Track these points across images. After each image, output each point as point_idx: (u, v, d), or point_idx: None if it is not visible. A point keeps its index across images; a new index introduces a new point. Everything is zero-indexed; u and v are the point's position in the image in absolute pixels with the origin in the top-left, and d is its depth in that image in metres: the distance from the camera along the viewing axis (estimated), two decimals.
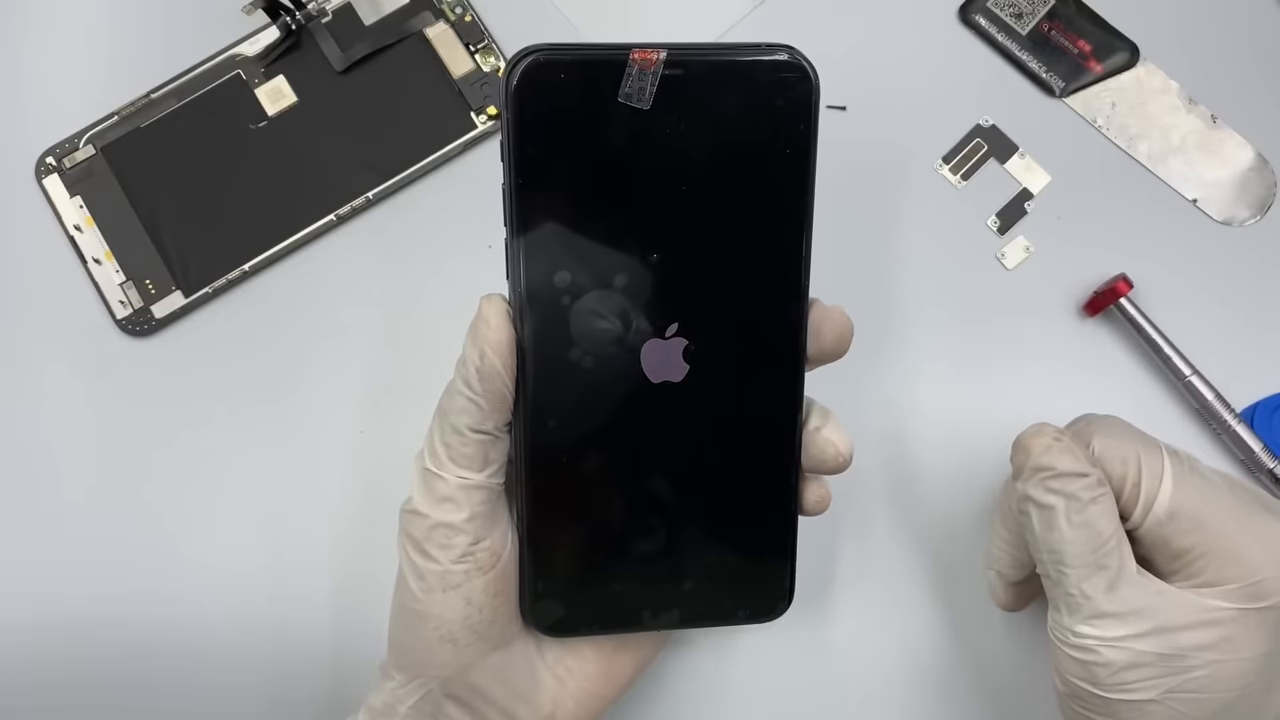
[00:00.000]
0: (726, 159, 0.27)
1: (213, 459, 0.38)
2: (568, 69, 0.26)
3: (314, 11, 0.40)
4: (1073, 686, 0.29)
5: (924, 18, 0.41)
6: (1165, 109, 0.41)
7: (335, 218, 0.39)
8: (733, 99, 0.26)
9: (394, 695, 0.29)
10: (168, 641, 0.37)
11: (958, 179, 0.40)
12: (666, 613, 0.30)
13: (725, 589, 0.30)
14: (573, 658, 0.31)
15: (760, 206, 0.27)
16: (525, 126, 0.26)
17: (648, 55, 0.25)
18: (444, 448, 0.27)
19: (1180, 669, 0.28)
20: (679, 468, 0.29)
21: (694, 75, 0.26)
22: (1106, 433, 0.30)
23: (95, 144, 0.39)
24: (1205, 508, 0.29)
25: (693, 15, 0.41)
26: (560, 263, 0.27)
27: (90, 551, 0.37)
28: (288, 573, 0.37)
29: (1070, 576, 0.28)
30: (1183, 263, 0.39)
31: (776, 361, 0.28)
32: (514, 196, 0.26)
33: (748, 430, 0.29)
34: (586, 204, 0.27)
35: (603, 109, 0.26)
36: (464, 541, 0.28)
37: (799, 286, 0.28)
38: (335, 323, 0.39)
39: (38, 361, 0.38)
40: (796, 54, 0.26)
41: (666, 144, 0.26)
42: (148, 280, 0.39)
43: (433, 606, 0.28)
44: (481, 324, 0.27)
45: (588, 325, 0.27)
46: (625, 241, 0.27)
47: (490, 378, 0.27)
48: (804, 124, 0.27)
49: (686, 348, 0.28)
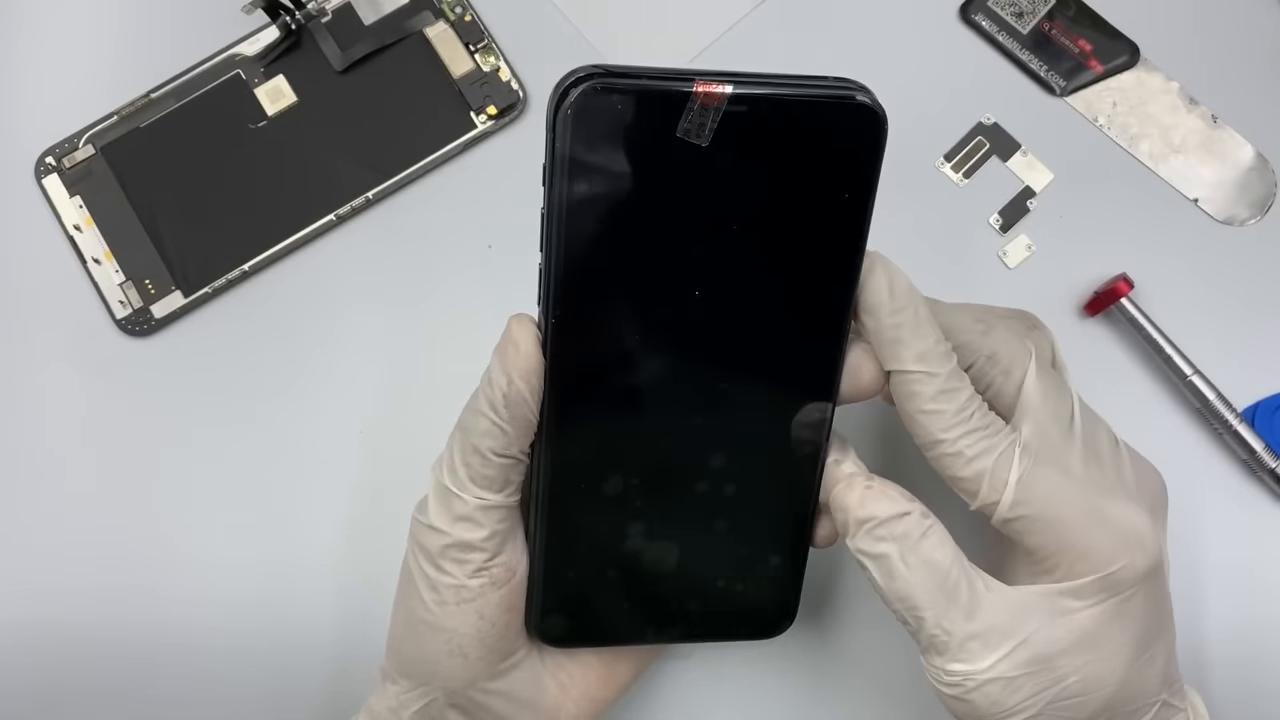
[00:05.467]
0: (782, 199, 0.25)
1: (212, 459, 0.38)
2: (623, 97, 0.24)
3: (314, 11, 0.40)
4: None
5: (924, 17, 0.41)
6: (1166, 109, 0.41)
7: (335, 218, 0.39)
8: (796, 139, 0.25)
9: (398, 700, 0.29)
10: (167, 641, 0.37)
11: (959, 177, 0.40)
12: (671, 629, 0.30)
13: (732, 609, 0.30)
14: (575, 664, 0.31)
15: (811, 249, 0.26)
16: (573, 152, 0.24)
17: (711, 90, 0.24)
18: (464, 467, 0.27)
19: (1054, 680, 0.27)
20: (699, 494, 0.29)
21: (757, 112, 0.24)
22: None
23: (95, 144, 0.39)
24: (1049, 506, 0.27)
25: (693, 15, 0.41)
26: (596, 292, 0.26)
27: (89, 551, 0.37)
28: (287, 574, 0.37)
29: (927, 618, 0.27)
30: (1183, 262, 0.39)
31: (809, 400, 0.28)
32: (554, 222, 0.25)
33: (773, 463, 0.29)
34: (629, 236, 0.25)
35: (656, 141, 0.24)
36: (481, 558, 0.27)
37: (841, 328, 0.27)
38: (335, 322, 0.39)
39: (37, 361, 0.38)
40: (867, 95, 0.25)
41: (719, 181, 0.25)
42: (147, 280, 0.39)
43: (446, 619, 0.28)
44: (511, 348, 0.26)
45: (617, 356, 0.27)
46: (665, 277, 0.26)
47: (517, 404, 0.26)
48: (867, 169, 0.25)
49: (717, 377, 0.27)
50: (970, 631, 0.27)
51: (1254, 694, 0.37)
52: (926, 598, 0.27)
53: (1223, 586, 0.37)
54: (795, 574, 0.30)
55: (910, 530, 0.27)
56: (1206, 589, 0.37)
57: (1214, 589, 0.37)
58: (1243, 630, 0.37)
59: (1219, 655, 0.37)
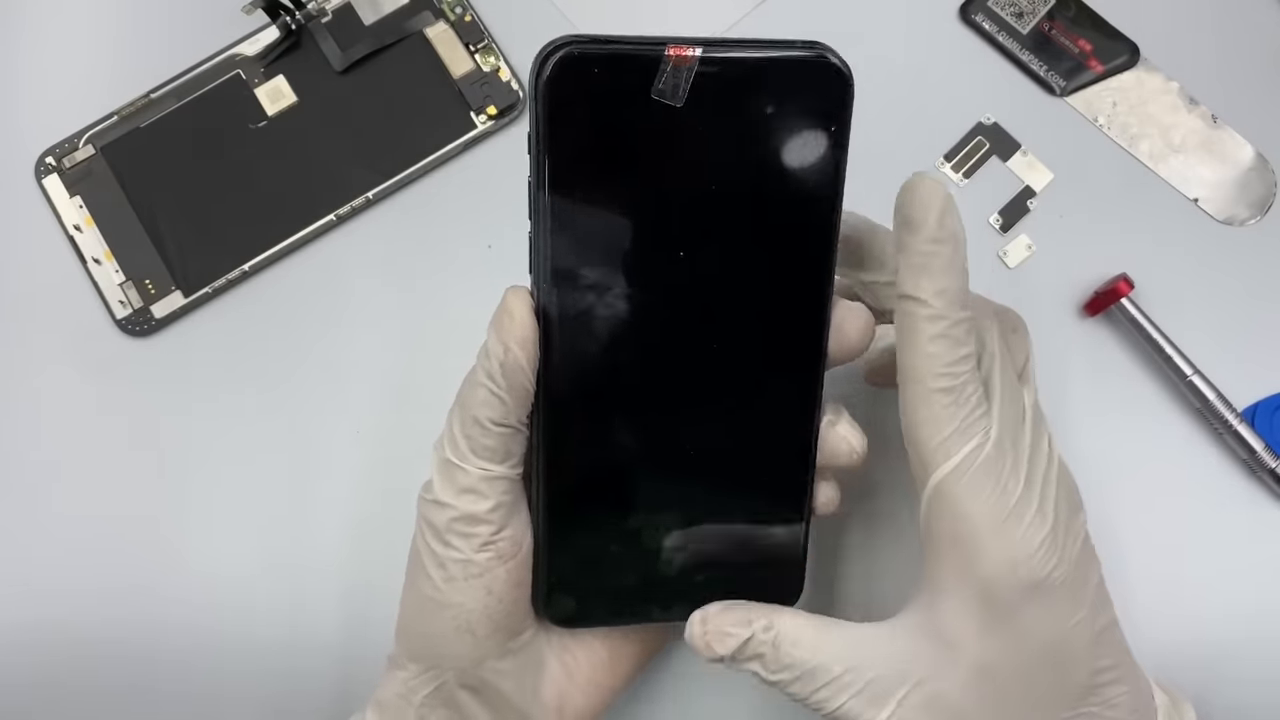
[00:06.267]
0: (758, 157, 0.26)
1: (213, 459, 0.38)
2: (600, 63, 0.25)
3: (314, 11, 0.40)
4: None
5: (924, 17, 0.41)
6: (1166, 109, 0.41)
7: (335, 218, 0.39)
8: (767, 98, 0.26)
9: (407, 686, 0.29)
10: (168, 642, 0.37)
11: (959, 177, 0.40)
12: (678, 606, 0.30)
13: (737, 583, 0.30)
14: (580, 648, 0.31)
15: (789, 206, 0.27)
16: (554, 119, 0.25)
17: (682, 52, 0.25)
18: (465, 439, 0.27)
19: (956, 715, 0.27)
20: (697, 463, 0.29)
21: (728, 73, 0.25)
22: None
23: (95, 144, 0.39)
24: (968, 499, 0.27)
25: (693, 14, 0.41)
26: (585, 257, 0.27)
27: (89, 551, 0.37)
28: (288, 574, 0.37)
29: (827, 706, 0.28)
30: (1183, 262, 0.39)
31: (798, 360, 0.28)
32: (541, 189, 0.26)
33: (767, 426, 0.29)
34: (613, 199, 0.26)
35: (634, 104, 0.25)
36: (487, 531, 0.28)
37: (824, 287, 0.28)
38: (335, 322, 0.39)
39: (37, 361, 0.38)
40: (831, 53, 0.26)
41: (697, 141, 0.26)
42: (147, 280, 0.39)
43: (453, 595, 0.28)
44: (505, 317, 0.27)
45: (610, 321, 0.27)
46: (651, 238, 0.27)
47: (514, 372, 0.27)
48: (838, 125, 0.26)
49: (707, 339, 0.28)
50: (862, 699, 0.27)
51: (1255, 694, 0.37)
52: (807, 690, 0.28)
53: (1223, 586, 0.37)
54: (799, 544, 0.30)
55: (758, 647, 0.28)
56: (1206, 589, 0.37)
57: (1214, 589, 0.37)
58: (1243, 630, 0.37)
59: (1219, 655, 0.37)
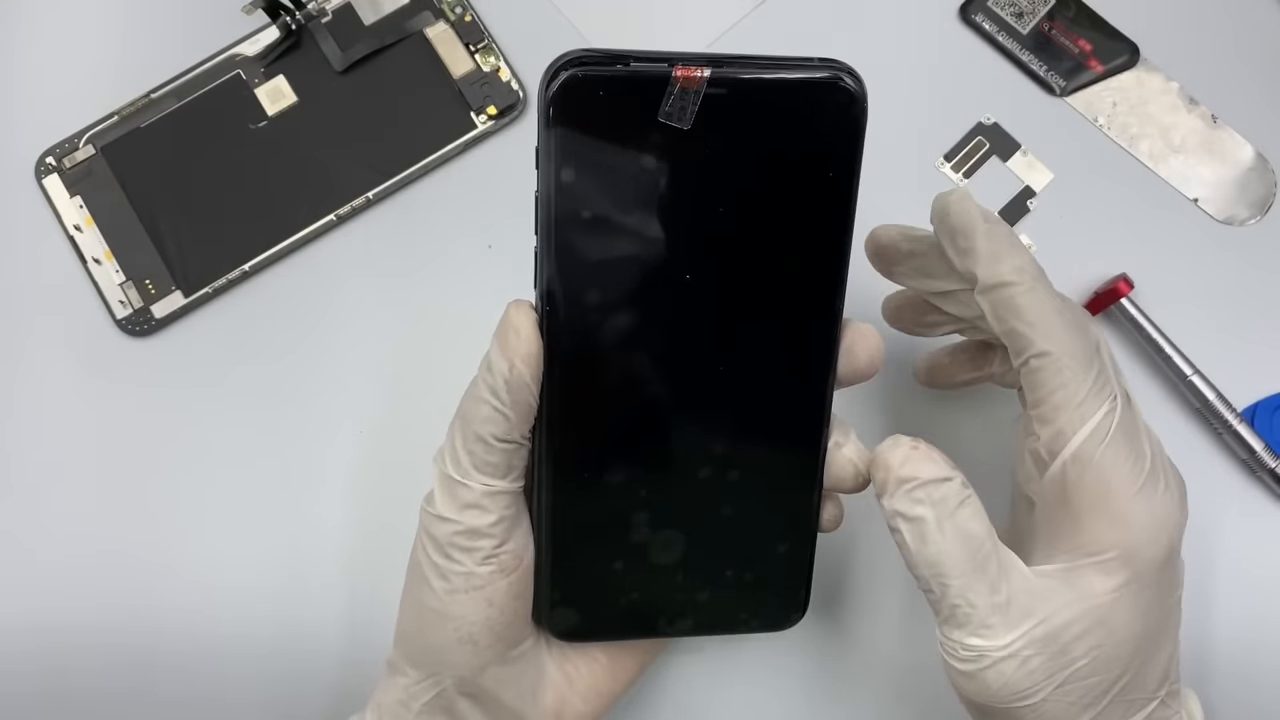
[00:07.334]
0: (768, 180, 0.26)
1: (213, 459, 0.38)
2: (606, 85, 0.25)
3: (314, 11, 0.40)
4: (969, 699, 0.28)
5: (924, 17, 0.41)
6: (1166, 109, 0.41)
7: (335, 218, 0.39)
8: (777, 120, 0.25)
9: (407, 692, 0.29)
10: (167, 643, 0.37)
11: (959, 177, 0.40)
12: (681, 621, 0.30)
13: (741, 599, 0.30)
14: (581, 656, 0.31)
15: (799, 228, 0.26)
16: (561, 138, 0.25)
17: (690, 74, 0.24)
18: (467, 455, 0.27)
19: (1066, 662, 0.27)
20: (702, 481, 0.29)
21: (738, 95, 0.25)
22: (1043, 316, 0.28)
23: (95, 144, 0.39)
24: (1106, 468, 0.28)
25: (693, 15, 0.41)
26: (590, 275, 0.26)
27: (89, 552, 0.37)
28: (289, 574, 0.37)
29: (952, 587, 0.27)
30: (1183, 262, 0.39)
31: (806, 381, 0.28)
32: (547, 205, 0.26)
33: (774, 446, 0.29)
34: (620, 218, 0.26)
35: (641, 125, 0.25)
36: (489, 545, 0.27)
37: (834, 309, 0.27)
38: (335, 322, 0.39)
39: (37, 361, 0.38)
40: (846, 75, 0.25)
41: (706, 163, 0.25)
42: (148, 280, 0.39)
43: (455, 607, 0.28)
44: (510, 332, 0.26)
45: (614, 339, 0.27)
46: (658, 258, 0.26)
47: (518, 389, 0.26)
48: (850, 148, 0.26)
49: (714, 359, 0.27)
50: (993, 605, 0.27)
51: (1255, 693, 0.37)
52: (956, 567, 0.27)
53: (1223, 586, 0.37)
54: (804, 562, 0.30)
55: (949, 496, 0.27)
56: (1207, 589, 0.37)
57: (1214, 589, 0.37)
58: (1244, 630, 0.37)
59: (1220, 655, 0.37)
